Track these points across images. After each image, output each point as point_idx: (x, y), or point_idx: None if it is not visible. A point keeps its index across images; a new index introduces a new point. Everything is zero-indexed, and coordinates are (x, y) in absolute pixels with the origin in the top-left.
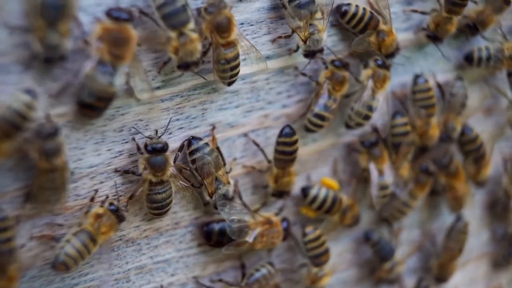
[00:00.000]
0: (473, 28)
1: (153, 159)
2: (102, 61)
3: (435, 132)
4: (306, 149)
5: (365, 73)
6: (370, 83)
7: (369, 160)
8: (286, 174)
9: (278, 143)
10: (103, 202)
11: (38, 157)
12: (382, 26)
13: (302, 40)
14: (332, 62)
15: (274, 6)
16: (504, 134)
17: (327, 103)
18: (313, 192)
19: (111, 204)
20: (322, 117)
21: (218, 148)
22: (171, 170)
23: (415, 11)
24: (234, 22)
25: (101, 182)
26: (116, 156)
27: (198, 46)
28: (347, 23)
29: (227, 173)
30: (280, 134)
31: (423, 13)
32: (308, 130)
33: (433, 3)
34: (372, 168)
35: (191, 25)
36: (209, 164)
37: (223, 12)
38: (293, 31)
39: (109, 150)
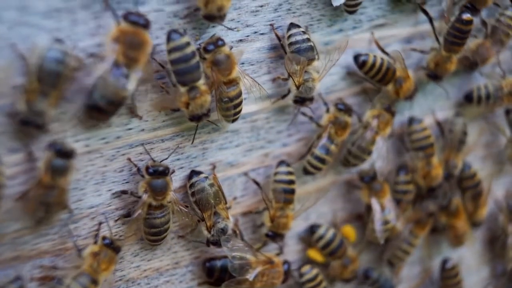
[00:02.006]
0: (472, 61)
1: (154, 182)
2: (117, 63)
3: (438, 172)
4: (305, 187)
5: (370, 113)
6: (374, 123)
7: (370, 195)
8: (284, 215)
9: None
10: (96, 237)
11: (44, 170)
12: (398, 73)
13: (296, 85)
14: (336, 105)
15: (274, 46)
16: (503, 171)
17: (327, 147)
18: (320, 231)
19: (104, 238)
20: (321, 162)
21: (219, 186)
22: (171, 194)
23: (414, 49)
24: (234, 60)
25: (102, 223)
26: (117, 197)
27: (208, 98)
28: (365, 74)
29: (227, 208)
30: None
31: (422, 52)
32: (307, 172)
33: (432, 42)
34: (374, 203)
35: (202, 80)
36: (209, 195)
37: (222, 50)
38: (289, 75)
39: (110, 190)
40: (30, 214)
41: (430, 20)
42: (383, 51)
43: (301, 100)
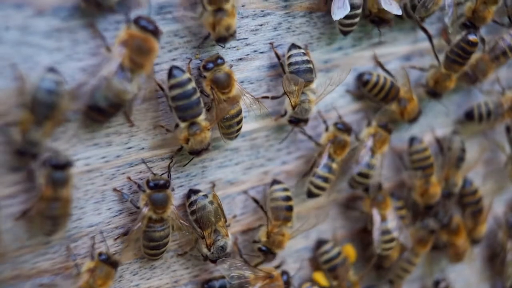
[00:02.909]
0: (472, 75)
1: (155, 196)
2: (122, 67)
3: (436, 190)
4: (305, 205)
5: (366, 131)
6: (369, 142)
7: (372, 205)
8: (281, 232)
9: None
10: (92, 254)
11: (44, 184)
12: (402, 94)
13: (291, 105)
14: (335, 124)
15: (273, 64)
16: (503, 189)
17: (327, 167)
18: (326, 247)
19: (100, 254)
20: (321, 187)
21: (219, 204)
22: (171, 208)
23: (413, 67)
24: (234, 78)
25: (101, 241)
26: (116, 215)
27: (208, 134)
28: (368, 92)
29: (226, 226)
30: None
31: (421, 69)
32: (311, 195)
33: (431, 59)
34: (375, 213)
35: (203, 115)
36: (209, 213)
37: (221, 68)
38: (285, 94)
39: (109, 209)
40: (36, 229)
41: (429, 38)
42: (386, 71)
43: (296, 121)
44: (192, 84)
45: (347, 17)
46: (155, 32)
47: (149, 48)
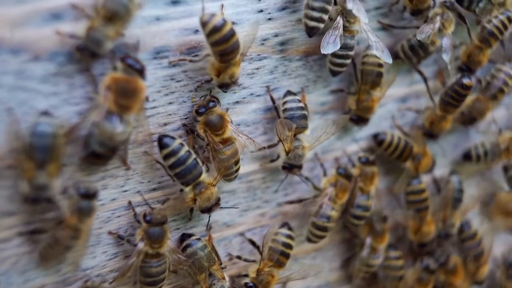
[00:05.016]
0: (468, 116)
1: (151, 230)
2: (109, 111)
3: (430, 228)
4: (303, 247)
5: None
6: (358, 183)
7: (368, 234)
8: (271, 273)
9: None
10: None
11: (70, 213)
12: (416, 149)
13: (285, 151)
14: (337, 169)
15: (269, 107)
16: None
17: (329, 211)
18: None
19: None
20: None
21: (213, 247)
22: (168, 243)
23: (409, 109)
24: (227, 119)
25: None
26: (111, 258)
27: (214, 190)
28: (383, 151)
29: (222, 268)
30: None
31: (417, 111)
32: (310, 241)
33: (427, 101)
34: (367, 243)
35: (204, 174)
36: (201, 258)
37: (214, 110)
38: (279, 140)
39: (104, 252)
40: (45, 256)
41: (425, 80)
42: (402, 131)
43: (289, 167)
44: (186, 148)
45: (338, 56)
46: (140, 71)
47: (133, 89)
